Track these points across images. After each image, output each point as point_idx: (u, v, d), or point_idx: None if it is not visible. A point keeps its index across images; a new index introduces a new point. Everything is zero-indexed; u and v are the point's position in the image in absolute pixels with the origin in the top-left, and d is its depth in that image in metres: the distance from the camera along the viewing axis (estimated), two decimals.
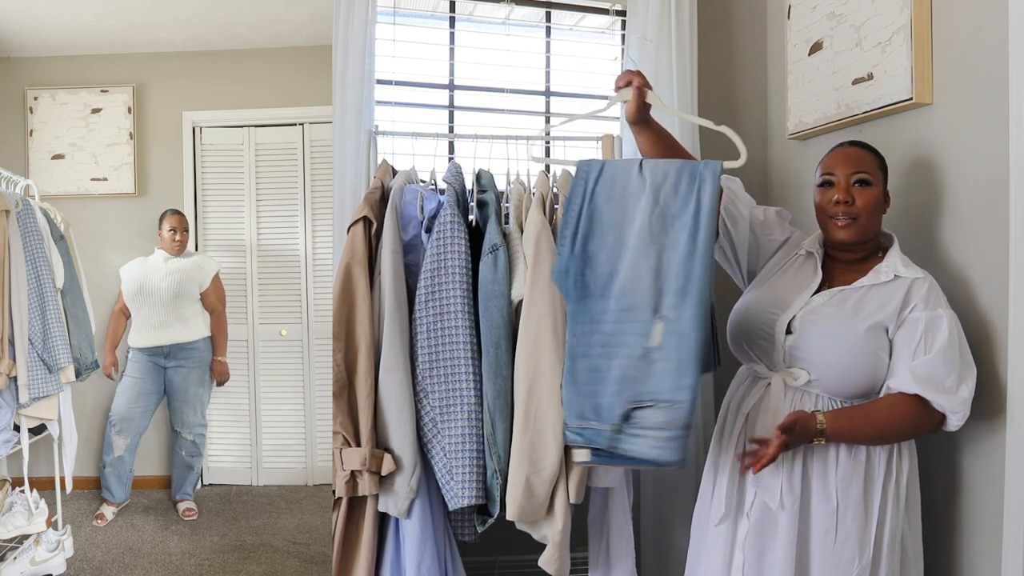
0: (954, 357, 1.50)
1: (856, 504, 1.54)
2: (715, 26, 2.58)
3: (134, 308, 3.18)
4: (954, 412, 1.49)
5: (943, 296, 1.56)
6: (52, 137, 3.33)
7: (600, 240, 1.58)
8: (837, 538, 1.54)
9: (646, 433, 1.49)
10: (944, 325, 1.50)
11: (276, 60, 3.41)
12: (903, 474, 1.57)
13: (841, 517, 1.54)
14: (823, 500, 1.55)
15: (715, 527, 1.67)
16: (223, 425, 3.52)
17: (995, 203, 1.59)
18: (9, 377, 2.36)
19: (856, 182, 1.60)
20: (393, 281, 1.84)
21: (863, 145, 1.67)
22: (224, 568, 2.78)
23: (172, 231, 3.18)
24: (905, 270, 1.57)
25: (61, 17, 3.04)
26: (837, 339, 1.56)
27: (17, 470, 2.69)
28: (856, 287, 1.60)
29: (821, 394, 1.58)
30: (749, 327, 1.69)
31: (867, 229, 1.61)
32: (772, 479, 1.57)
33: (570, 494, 1.80)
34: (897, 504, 1.56)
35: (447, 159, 2.37)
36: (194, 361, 3.24)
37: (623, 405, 1.51)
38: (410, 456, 1.81)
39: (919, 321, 1.51)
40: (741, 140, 1.61)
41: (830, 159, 1.66)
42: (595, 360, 1.54)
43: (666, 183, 1.57)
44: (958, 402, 1.49)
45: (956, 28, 1.72)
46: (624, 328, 1.53)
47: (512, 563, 2.39)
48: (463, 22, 2.54)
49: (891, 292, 1.56)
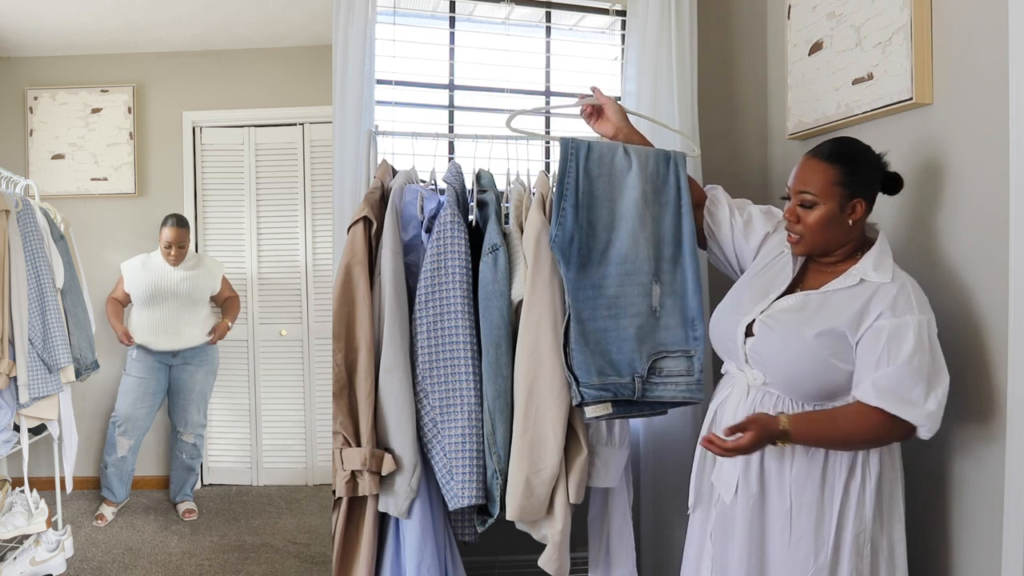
0: (920, 367, 1.44)
1: (811, 504, 1.54)
2: (715, 26, 2.58)
3: (144, 311, 3.15)
4: (922, 425, 1.46)
5: (916, 300, 1.50)
6: (52, 137, 3.33)
7: (596, 212, 1.77)
8: (791, 536, 1.55)
9: (672, 380, 1.75)
10: (910, 333, 1.45)
11: (276, 60, 3.41)
12: (870, 476, 1.55)
13: (795, 516, 1.55)
14: (778, 499, 1.57)
15: (691, 515, 1.74)
16: (223, 425, 3.51)
17: (995, 203, 1.59)
18: (9, 377, 2.35)
19: (801, 203, 1.58)
20: (393, 281, 1.84)
21: (828, 155, 1.58)
22: (224, 568, 2.78)
23: (168, 247, 3.10)
24: (874, 274, 1.54)
25: (61, 17, 3.04)
26: (786, 344, 1.55)
27: (17, 470, 2.69)
28: (822, 291, 1.59)
29: (781, 395, 1.58)
30: (719, 327, 1.72)
31: (815, 246, 1.60)
32: (730, 474, 1.60)
33: (570, 494, 1.80)
34: (861, 505, 1.54)
35: (447, 159, 2.37)
36: (200, 360, 3.24)
37: (646, 358, 1.74)
38: (410, 456, 1.81)
39: (883, 329, 1.47)
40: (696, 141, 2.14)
41: (795, 169, 1.63)
42: (602, 322, 1.73)
43: (649, 164, 1.81)
44: (924, 415, 1.44)
45: (956, 28, 1.72)
46: (627, 291, 1.75)
47: (512, 563, 2.39)
48: (463, 22, 2.54)
49: (852, 297, 1.53)
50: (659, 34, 2.38)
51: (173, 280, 3.15)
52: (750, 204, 1.86)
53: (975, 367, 1.61)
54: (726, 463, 1.61)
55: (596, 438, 1.88)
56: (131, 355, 3.17)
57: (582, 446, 1.81)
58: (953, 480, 1.73)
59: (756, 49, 2.62)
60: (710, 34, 2.54)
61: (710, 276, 2.43)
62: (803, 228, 1.58)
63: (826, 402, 1.55)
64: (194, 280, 3.19)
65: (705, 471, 1.71)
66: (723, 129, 2.59)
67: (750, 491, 1.58)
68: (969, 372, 1.65)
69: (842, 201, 1.56)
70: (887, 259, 1.57)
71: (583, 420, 1.84)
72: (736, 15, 2.63)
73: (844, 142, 1.62)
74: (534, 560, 1.85)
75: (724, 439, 1.48)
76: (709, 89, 2.51)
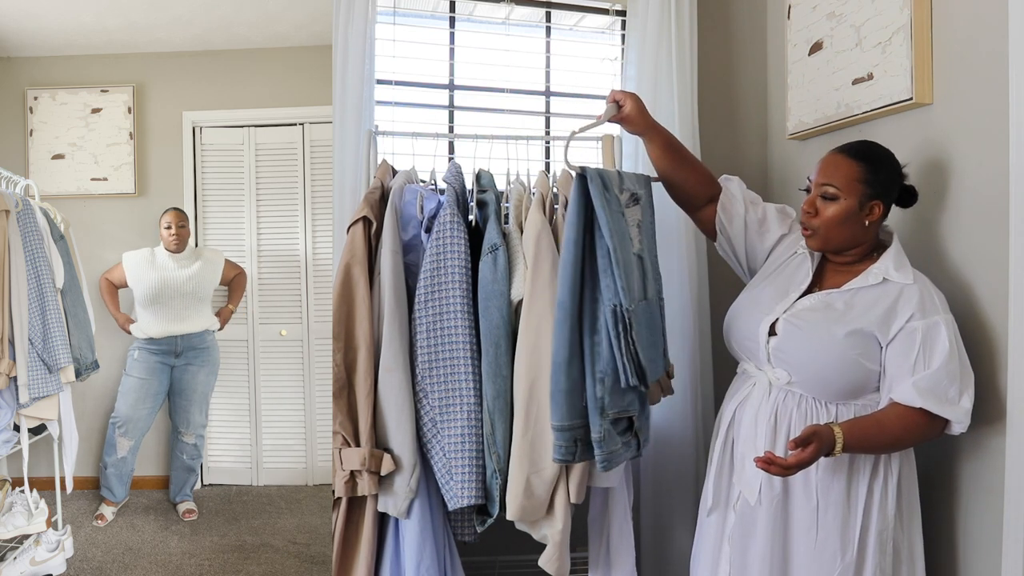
0: (955, 367, 1.49)
1: (837, 503, 1.54)
2: (715, 26, 2.58)
3: (150, 308, 3.15)
4: (958, 421, 1.50)
5: (939, 300, 1.54)
6: (52, 137, 3.33)
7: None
8: (818, 536, 1.55)
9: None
10: (943, 334, 1.49)
11: (276, 60, 3.41)
12: (892, 475, 1.56)
13: (822, 515, 1.55)
14: (804, 498, 1.57)
15: (706, 518, 1.73)
16: (223, 425, 3.52)
17: (995, 203, 1.59)
18: (9, 377, 2.35)
19: (821, 195, 1.59)
20: (393, 281, 1.84)
21: (855, 152, 1.60)
22: (224, 568, 2.78)
23: (168, 227, 3.16)
24: (896, 274, 1.56)
25: (61, 17, 3.04)
26: (816, 343, 1.56)
27: (17, 470, 2.69)
28: (844, 290, 1.60)
29: (805, 394, 1.59)
30: (738, 327, 1.72)
31: (829, 241, 1.61)
32: (753, 475, 1.59)
33: (570, 494, 1.80)
34: (884, 504, 1.55)
35: (447, 159, 2.37)
36: (203, 360, 3.25)
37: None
38: (410, 456, 1.81)
39: (916, 331, 1.50)
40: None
41: (818, 163, 1.64)
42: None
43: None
44: (961, 412, 1.49)
45: (956, 28, 1.72)
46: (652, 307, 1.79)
47: (512, 563, 2.39)
48: (463, 22, 2.54)
49: (878, 296, 1.55)
50: (659, 34, 2.38)
51: (179, 279, 3.16)
52: (763, 202, 1.86)
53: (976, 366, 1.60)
54: (748, 465, 1.60)
55: None
56: (132, 355, 3.17)
57: None
58: (956, 478, 1.73)
59: (756, 49, 2.62)
60: (710, 34, 2.54)
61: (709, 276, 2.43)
62: (820, 222, 1.59)
63: (849, 400, 1.56)
64: (199, 279, 3.20)
65: (723, 474, 1.70)
66: (723, 129, 2.59)
67: (773, 492, 1.58)
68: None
69: (862, 199, 1.58)
70: (906, 260, 1.59)
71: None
72: (736, 15, 2.63)
73: (872, 144, 1.64)
74: (534, 560, 1.85)
75: (783, 457, 1.42)
76: (709, 89, 2.51)
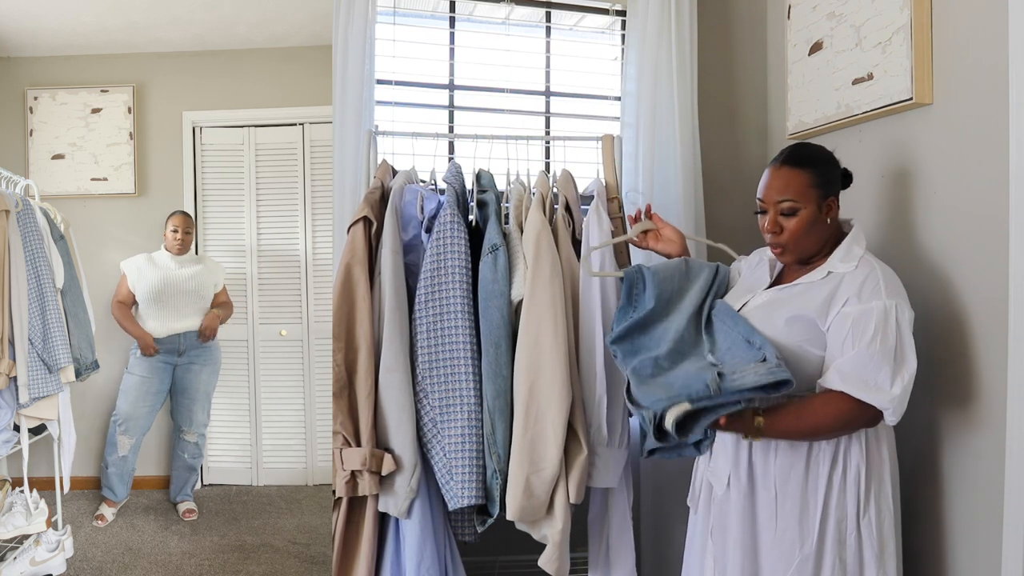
0: (884, 350, 1.45)
1: (795, 494, 1.55)
2: (715, 26, 2.58)
3: (152, 309, 3.15)
4: (886, 409, 1.46)
5: (887, 286, 1.50)
6: (52, 137, 3.34)
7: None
8: (778, 526, 1.56)
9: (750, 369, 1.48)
10: (873, 318, 1.47)
11: (276, 60, 3.42)
12: (851, 466, 1.55)
13: (780, 506, 1.56)
14: (764, 489, 1.59)
15: (693, 515, 1.77)
16: (223, 425, 3.52)
17: (995, 203, 1.59)
18: (9, 377, 2.35)
19: (782, 212, 1.60)
20: (393, 281, 1.84)
21: (797, 160, 1.60)
22: (224, 568, 2.78)
23: (175, 231, 3.18)
24: (841, 264, 1.57)
25: (61, 17, 3.04)
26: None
27: (17, 470, 2.69)
28: (793, 284, 1.62)
29: None
30: None
31: (802, 251, 1.62)
32: (722, 466, 1.63)
33: (570, 494, 1.80)
34: (843, 496, 1.54)
35: (447, 159, 2.37)
36: (205, 359, 3.25)
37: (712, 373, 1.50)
38: (410, 456, 1.81)
39: (848, 316, 1.49)
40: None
41: (762, 182, 1.64)
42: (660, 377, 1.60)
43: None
44: (889, 399, 1.44)
45: (956, 28, 1.72)
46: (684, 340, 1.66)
47: (512, 563, 2.39)
48: (463, 22, 2.54)
49: (822, 287, 1.57)
50: (659, 34, 2.38)
51: (181, 277, 3.16)
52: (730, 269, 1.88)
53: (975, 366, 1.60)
54: (719, 456, 1.64)
55: (596, 438, 1.88)
56: (134, 354, 3.16)
57: (582, 446, 1.82)
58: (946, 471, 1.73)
59: (756, 49, 2.62)
60: (710, 34, 2.54)
61: None
62: (787, 237, 1.60)
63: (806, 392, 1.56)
64: (200, 278, 3.21)
65: (699, 467, 1.74)
66: (723, 129, 2.59)
67: (740, 483, 1.60)
68: (968, 370, 1.65)
69: (819, 202, 1.59)
70: (856, 249, 1.59)
71: (584, 420, 1.84)
72: (736, 15, 2.63)
73: (806, 147, 1.65)
74: (534, 560, 1.85)
75: None
76: (709, 89, 2.51)
